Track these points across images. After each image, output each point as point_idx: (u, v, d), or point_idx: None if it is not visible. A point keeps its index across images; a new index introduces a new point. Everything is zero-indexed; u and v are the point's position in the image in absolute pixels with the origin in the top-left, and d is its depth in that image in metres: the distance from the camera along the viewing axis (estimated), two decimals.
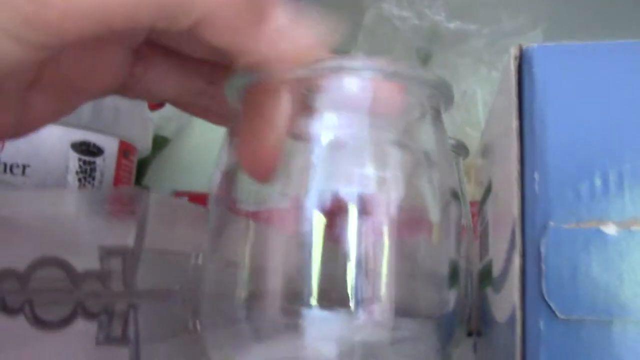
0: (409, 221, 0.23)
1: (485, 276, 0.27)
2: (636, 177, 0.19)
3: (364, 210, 0.22)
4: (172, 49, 0.24)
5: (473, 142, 0.48)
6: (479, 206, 0.32)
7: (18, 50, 0.17)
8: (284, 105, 0.21)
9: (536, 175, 0.19)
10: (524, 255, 0.19)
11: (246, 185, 0.23)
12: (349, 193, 0.22)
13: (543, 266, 0.19)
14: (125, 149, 0.44)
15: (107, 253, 0.19)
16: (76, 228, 0.20)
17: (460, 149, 0.33)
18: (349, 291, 0.21)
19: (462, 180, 0.34)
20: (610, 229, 0.19)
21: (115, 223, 0.20)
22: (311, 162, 0.22)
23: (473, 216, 0.35)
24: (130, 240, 0.19)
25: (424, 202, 0.24)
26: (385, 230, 0.22)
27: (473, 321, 0.33)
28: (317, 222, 0.22)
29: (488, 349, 0.27)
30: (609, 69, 0.20)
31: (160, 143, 0.62)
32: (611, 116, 0.19)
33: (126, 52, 0.23)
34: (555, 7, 0.57)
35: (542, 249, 0.19)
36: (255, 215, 0.23)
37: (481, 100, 0.61)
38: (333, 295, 0.21)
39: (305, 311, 0.21)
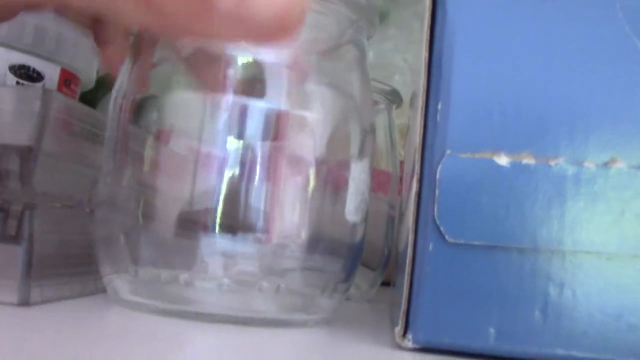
0: (322, 157, 0.23)
1: (400, 214, 0.28)
2: (532, 113, 0.19)
3: (279, 138, 0.22)
4: None
5: None
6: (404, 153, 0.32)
7: None
8: None
9: (439, 105, 0.20)
10: (421, 181, 0.20)
11: (152, 104, 0.23)
12: (259, 121, 0.22)
13: (437, 192, 0.19)
14: (67, 77, 0.43)
15: (4, 151, 0.19)
16: None
17: (394, 96, 0.33)
18: (251, 218, 0.21)
19: (394, 128, 0.34)
20: (502, 160, 0.19)
21: (17, 122, 0.20)
22: (223, 86, 0.22)
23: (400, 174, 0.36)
24: (30, 140, 0.19)
25: (341, 139, 0.24)
26: (299, 160, 0.23)
27: (392, 272, 0.34)
28: (229, 146, 0.22)
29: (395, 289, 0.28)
30: (518, 10, 0.20)
31: (110, 82, 0.61)
32: (515, 54, 0.20)
33: None
34: None
35: (438, 175, 0.19)
36: (160, 136, 0.22)
37: None
38: (234, 221, 0.21)
39: (205, 234, 0.21)
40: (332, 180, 0.24)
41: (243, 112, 0.22)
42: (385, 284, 0.36)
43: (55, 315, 0.20)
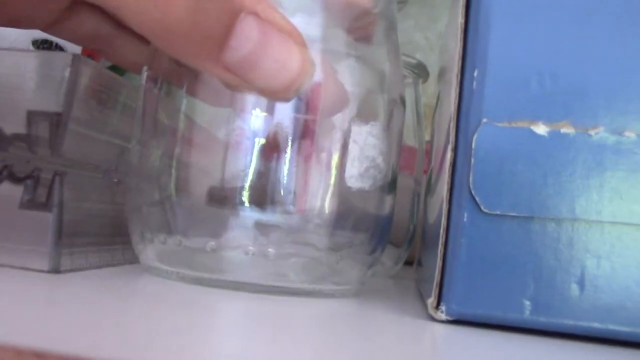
0: (351, 126, 0.23)
1: (427, 186, 0.27)
2: (570, 82, 0.19)
3: (309, 111, 0.22)
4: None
5: None
6: (431, 126, 0.32)
7: None
8: None
9: (475, 73, 0.19)
10: (455, 150, 0.19)
11: (182, 76, 0.23)
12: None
13: (472, 161, 0.19)
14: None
15: (34, 117, 0.19)
16: (7, 90, 0.19)
17: (421, 70, 0.33)
18: (281, 190, 0.21)
19: (420, 102, 0.34)
20: (540, 129, 0.19)
21: (47, 88, 0.19)
22: None
23: (427, 153, 0.35)
24: (59, 107, 0.19)
25: (369, 111, 0.24)
26: (327, 133, 0.22)
27: (416, 249, 0.34)
28: (257, 122, 0.21)
29: (424, 266, 0.27)
30: None
31: None
32: (554, 20, 0.19)
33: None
34: None
35: (474, 144, 0.19)
36: (191, 109, 0.22)
37: None
38: (264, 195, 0.21)
39: (234, 208, 0.21)
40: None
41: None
42: (407, 263, 0.35)
43: (85, 282, 0.20)
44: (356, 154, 0.22)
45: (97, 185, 0.22)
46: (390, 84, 0.24)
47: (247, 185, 0.21)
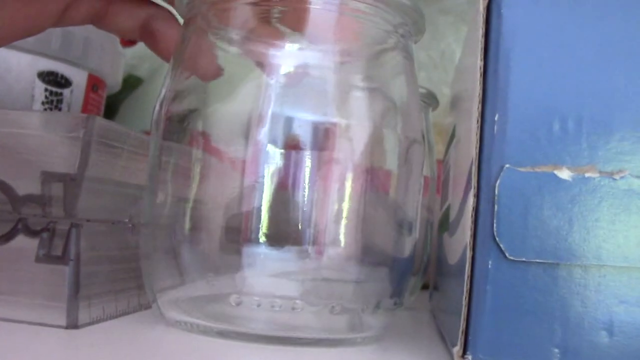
0: (367, 166, 0.23)
1: (444, 222, 0.27)
2: (594, 125, 0.19)
3: (321, 150, 0.22)
4: None
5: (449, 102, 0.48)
6: (443, 157, 0.32)
7: None
8: None
9: (496, 117, 0.19)
10: (478, 196, 0.19)
11: (195, 117, 0.22)
12: (305, 132, 0.21)
13: (496, 207, 0.19)
14: (94, 83, 0.43)
15: (48, 178, 0.19)
16: (20, 150, 0.19)
17: (430, 99, 0.33)
18: (299, 230, 0.21)
19: (430, 131, 0.34)
20: (565, 174, 0.19)
21: (60, 148, 0.19)
22: (267, 95, 0.21)
23: (438, 174, 0.35)
24: (73, 167, 0.19)
25: (383, 147, 0.24)
26: (342, 173, 0.22)
27: (430, 275, 0.33)
28: (270, 159, 0.21)
29: (442, 298, 0.27)
30: (578, 15, 0.19)
31: (133, 83, 0.60)
32: (576, 62, 0.19)
33: None
34: None
35: (497, 191, 0.19)
36: (204, 148, 0.22)
37: None
38: (281, 234, 0.21)
39: (251, 248, 0.21)
40: (374, 189, 0.23)
41: (286, 124, 0.21)
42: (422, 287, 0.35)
43: (104, 337, 0.19)
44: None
45: (111, 233, 0.22)
46: (407, 120, 0.24)
47: (261, 229, 0.21)
